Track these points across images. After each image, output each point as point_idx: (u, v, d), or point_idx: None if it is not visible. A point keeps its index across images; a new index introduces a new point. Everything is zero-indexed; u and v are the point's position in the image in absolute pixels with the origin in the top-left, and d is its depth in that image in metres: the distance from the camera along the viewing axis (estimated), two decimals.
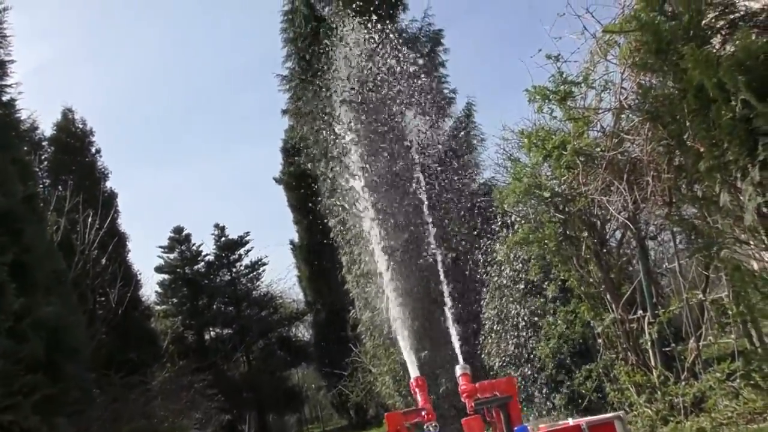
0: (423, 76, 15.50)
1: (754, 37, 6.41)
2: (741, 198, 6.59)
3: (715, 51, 6.77)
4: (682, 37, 6.81)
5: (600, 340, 10.10)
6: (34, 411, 10.27)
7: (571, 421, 4.07)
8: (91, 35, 73.91)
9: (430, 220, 12.48)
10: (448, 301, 9.13)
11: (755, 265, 7.38)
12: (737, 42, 6.43)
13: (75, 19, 71.72)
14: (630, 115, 8.98)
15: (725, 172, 6.60)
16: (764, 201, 6.31)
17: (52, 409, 10.62)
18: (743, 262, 7.31)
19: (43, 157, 27.26)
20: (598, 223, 10.23)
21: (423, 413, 4.75)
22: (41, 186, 24.19)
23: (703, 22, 6.97)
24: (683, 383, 8.38)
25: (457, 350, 6.26)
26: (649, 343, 9.07)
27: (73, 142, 28.65)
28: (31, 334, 10.40)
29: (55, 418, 10.65)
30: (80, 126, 29.31)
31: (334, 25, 17.02)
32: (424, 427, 4.73)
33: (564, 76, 9.88)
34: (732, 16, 6.94)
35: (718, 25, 7.01)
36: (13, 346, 10.14)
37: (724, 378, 7.74)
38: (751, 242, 7.06)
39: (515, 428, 3.65)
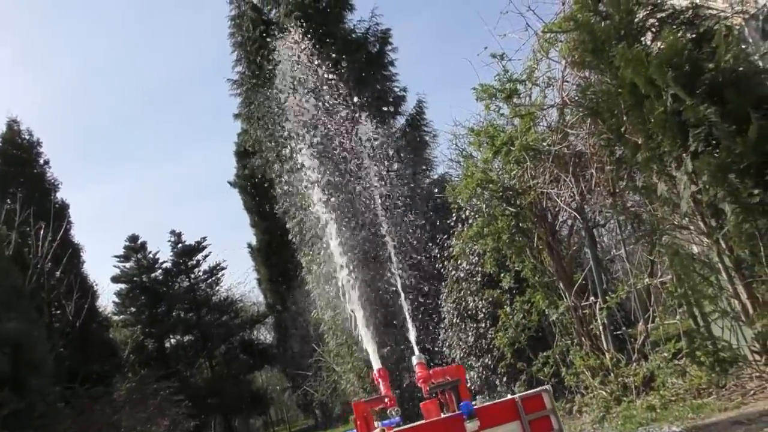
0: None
1: (679, 35, 6.78)
2: (677, 186, 6.98)
3: (646, 48, 7.13)
4: (615, 36, 7.17)
5: (555, 328, 10.43)
6: (1, 426, 10.24)
7: (509, 396, 4.53)
8: (33, 43, 72.37)
9: (384, 218, 12.70)
10: (404, 301, 9.41)
11: (695, 249, 7.79)
12: (667, 39, 6.79)
13: (13, 27, 70.00)
14: (573, 110, 9.33)
15: (661, 162, 6.99)
16: (698, 189, 6.71)
17: (20, 423, 10.61)
18: (683, 247, 7.71)
19: None
20: (549, 214, 10.55)
21: (386, 400, 5.10)
22: None
23: (635, 20, 7.33)
24: (634, 364, 8.74)
25: (413, 342, 6.60)
26: (600, 328, 9.43)
27: (20, 153, 28.10)
28: None
29: None
30: (26, 137, 28.79)
31: (281, 29, 17.10)
32: (387, 412, 5.10)
33: (509, 74, 10.21)
34: (660, 15, 7.30)
35: (648, 24, 7.37)
36: None
37: (671, 357, 8.10)
38: (690, 227, 7.46)
39: (461, 404, 4.03)
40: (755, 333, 6.95)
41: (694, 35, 6.92)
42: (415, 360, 5.27)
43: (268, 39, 17.96)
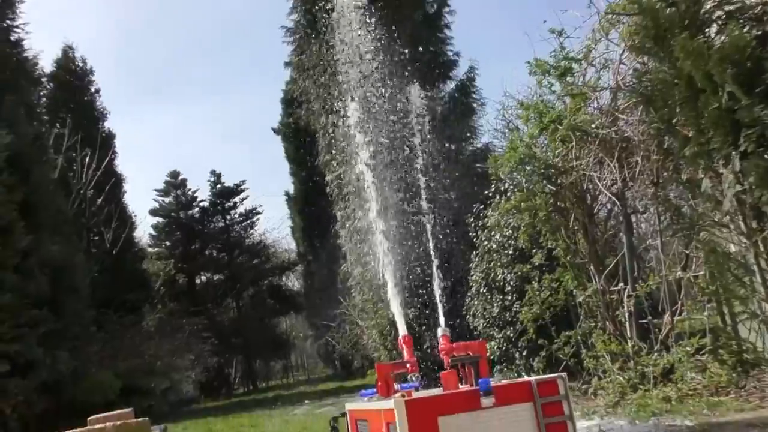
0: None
1: (745, 31, 6.64)
2: (722, 184, 6.93)
3: (709, 40, 7.01)
4: (679, 25, 7.05)
5: (581, 309, 10.49)
6: (38, 343, 10.78)
7: (525, 377, 4.69)
8: None
9: (423, 182, 12.73)
10: (436, 272, 9.52)
11: (732, 248, 7.75)
12: (732, 34, 6.67)
13: None
14: (626, 95, 9.23)
15: (709, 158, 6.93)
16: (743, 189, 6.66)
17: (55, 342, 11.15)
18: (720, 245, 7.68)
19: (42, 94, 27.25)
20: (588, 196, 10.51)
21: (408, 366, 5.29)
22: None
23: (701, 11, 7.19)
24: (655, 354, 8.77)
25: (440, 314, 6.74)
26: (626, 315, 9.45)
27: (73, 80, 28.65)
28: (37, 271, 10.84)
29: (57, 351, 11.19)
30: (80, 64, 29.31)
31: None
32: (408, 377, 5.29)
33: (566, 51, 10.10)
34: (728, 8, 7.14)
35: (714, 16, 7.22)
36: (20, 281, 10.60)
37: (693, 352, 8.12)
38: (730, 226, 7.42)
39: (480, 380, 4.19)
40: None
41: (759, 32, 6.78)
42: (440, 332, 5.42)
43: None
